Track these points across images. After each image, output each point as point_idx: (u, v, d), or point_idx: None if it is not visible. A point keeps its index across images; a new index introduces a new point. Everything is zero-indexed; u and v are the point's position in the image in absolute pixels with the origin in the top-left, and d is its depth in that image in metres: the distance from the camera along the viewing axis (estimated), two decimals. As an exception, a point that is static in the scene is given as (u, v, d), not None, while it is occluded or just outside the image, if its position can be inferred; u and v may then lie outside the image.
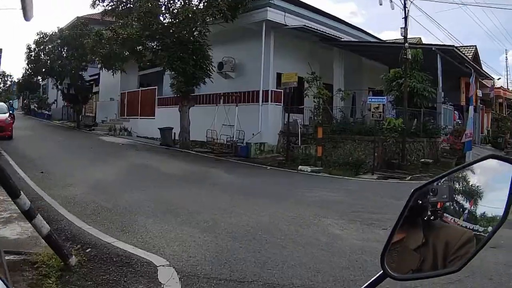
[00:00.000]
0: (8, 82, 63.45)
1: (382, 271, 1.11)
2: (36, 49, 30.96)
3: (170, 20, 18.79)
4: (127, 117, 27.94)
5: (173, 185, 10.51)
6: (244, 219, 6.98)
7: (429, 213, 1.08)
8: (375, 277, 1.13)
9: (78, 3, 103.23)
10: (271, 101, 18.73)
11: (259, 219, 7.09)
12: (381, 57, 22.22)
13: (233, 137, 18.33)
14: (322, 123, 16.97)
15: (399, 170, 15.24)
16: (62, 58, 29.89)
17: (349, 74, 21.29)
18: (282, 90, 18.49)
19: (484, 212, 1.08)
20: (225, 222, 6.75)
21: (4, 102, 23.20)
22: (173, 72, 19.01)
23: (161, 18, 18.99)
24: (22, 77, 36.95)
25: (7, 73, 64.07)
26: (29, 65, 31.73)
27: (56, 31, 30.77)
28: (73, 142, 20.70)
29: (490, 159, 1.11)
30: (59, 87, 31.84)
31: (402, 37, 16.96)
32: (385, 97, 16.75)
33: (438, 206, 1.10)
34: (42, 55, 31.13)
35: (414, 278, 1.19)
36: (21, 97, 52.97)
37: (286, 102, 18.02)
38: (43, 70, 31.55)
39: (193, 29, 18.16)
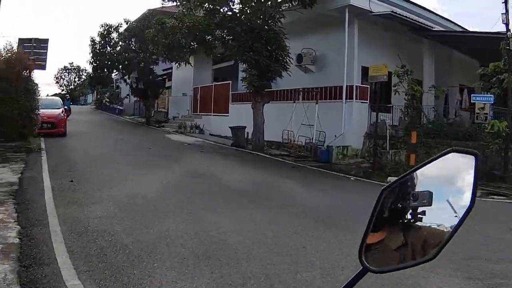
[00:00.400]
0: (83, 77, 66.07)
1: (362, 267, 1.11)
2: (101, 41, 30.12)
3: (240, 6, 17.17)
4: (200, 114, 26.60)
5: (230, 205, 8.12)
6: (314, 277, 4.67)
7: (409, 216, 1.09)
8: (355, 273, 1.13)
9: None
10: (356, 98, 16.57)
11: (336, 275, 4.66)
12: (473, 50, 19.54)
13: (312, 138, 16.37)
14: (413, 124, 14.81)
15: (503, 184, 12.45)
16: (129, 51, 29.19)
17: (438, 68, 18.84)
18: (368, 86, 16.41)
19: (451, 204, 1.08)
20: (286, 281, 4.51)
21: (78, 96, 23.06)
22: (244, 65, 17.38)
23: (230, 4, 17.35)
24: (92, 71, 37.34)
25: (82, 67, 66.80)
26: (93, 58, 30.72)
27: (122, 22, 30.03)
28: (133, 140, 18.99)
29: (452, 153, 1.12)
30: (127, 80, 31.19)
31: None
32: (491, 96, 14.60)
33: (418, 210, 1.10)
34: (108, 48, 30.39)
35: (392, 270, 1.13)
36: (95, 91, 54.29)
37: (372, 100, 15.91)
38: (108, 63, 30.72)
39: (266, 16, 16.38)
